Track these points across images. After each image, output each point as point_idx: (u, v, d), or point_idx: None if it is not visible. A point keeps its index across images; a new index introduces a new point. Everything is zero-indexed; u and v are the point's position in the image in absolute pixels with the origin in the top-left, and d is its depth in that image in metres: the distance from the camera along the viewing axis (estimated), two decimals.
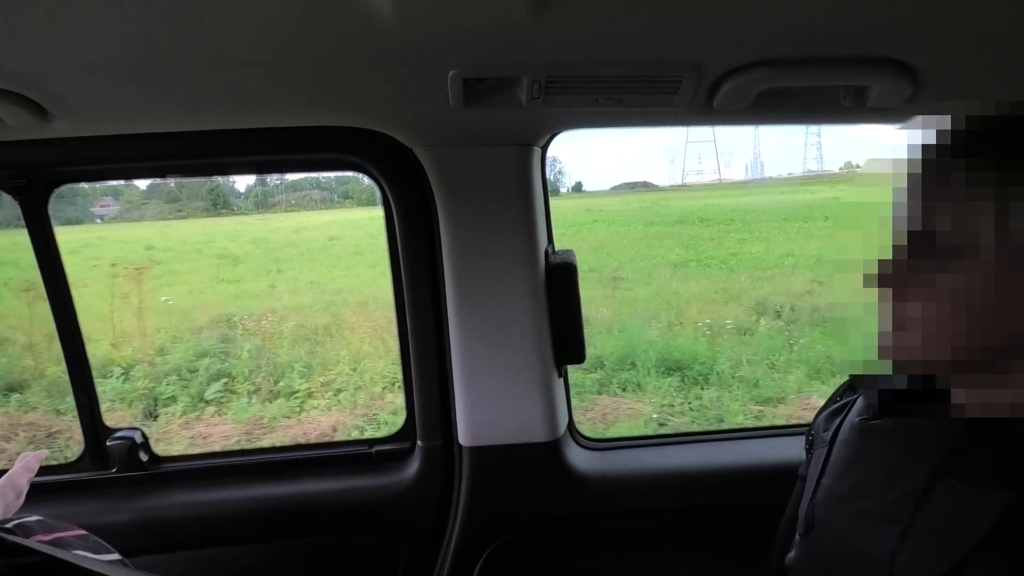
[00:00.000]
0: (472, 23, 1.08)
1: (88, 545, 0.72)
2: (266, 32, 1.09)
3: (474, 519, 1.84)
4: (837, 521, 1.07)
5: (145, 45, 1.11)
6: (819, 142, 11.91)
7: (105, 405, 5.24)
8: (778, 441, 2.01)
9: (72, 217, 8.62)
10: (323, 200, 9.85)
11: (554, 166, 10.30)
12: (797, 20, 1.11)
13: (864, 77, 1.27)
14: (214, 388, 5.66)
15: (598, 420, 5.19)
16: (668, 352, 5.99)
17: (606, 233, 9.85)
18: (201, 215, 9.59)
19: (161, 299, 6.75)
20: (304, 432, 5.21)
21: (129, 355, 6.02)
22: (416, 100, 1.40)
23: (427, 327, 1.80)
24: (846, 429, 1.14)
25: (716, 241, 9.01)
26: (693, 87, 1.31)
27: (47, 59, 1.14)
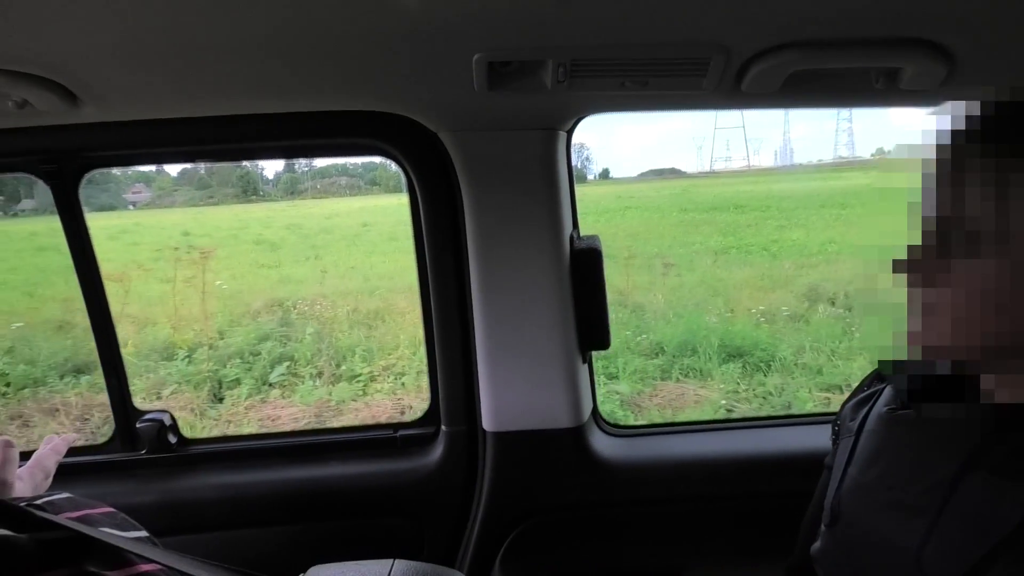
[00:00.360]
0: (497, 5, 1.07)
1: (116, 522, 0.73)
2: (292, 16, 1.09)
3: (497, 504, 1.84)
4: (863, 512, 1.06)
5: (172, 30, 1.11)
6: (850, 128, 11.73)
7: (170, 388, 5.33)
8: (804, 430, 1.99)
9: (105, 203, 8.77)
10: (351, 187, 9.90)
11: (581, 152, 10.27)
12: (826, 1, 1.08)
13: (897, 58, 1.24)
14: (278, 371, 5.72)
15: (664, 406, 5.19)
16: (729, 339, 5.96)
17: (640, 220, 9.80)
18: (231, 201, 9.69)
19: (216, 283, 6.80)
20: (373, 415, 5.25)
21: (190, 338, 6.11)
22: (441, 84, 1.39)
23: (451, 312, 1.81)
24: (873, 419, 1.12)
25: (754, 228, 8.92)
26: (720, 70, 1.29)
27: (75, 44, 1.15)
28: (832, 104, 1.58)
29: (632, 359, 5.71)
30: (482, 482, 1.85)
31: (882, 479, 1.04)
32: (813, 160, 12.83)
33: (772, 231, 8.75)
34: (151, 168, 9.67)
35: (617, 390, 5.34)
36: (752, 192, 10.80)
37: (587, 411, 1.86)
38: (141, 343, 6.01)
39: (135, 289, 6.61)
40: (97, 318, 1.84)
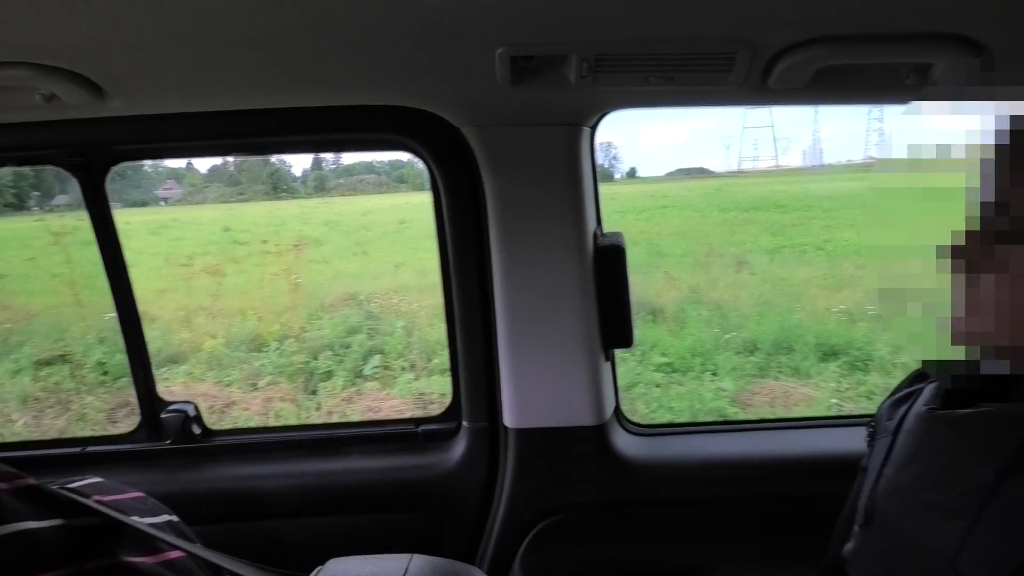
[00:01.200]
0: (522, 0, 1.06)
1: (146, 507, 0.73)
2: (318, 11, 1.09)
3: (518, 501, 1.84)
4: (899, 513, 1.04)
5: (198, 24, 1.12)
6: (881, 128, 11.56)
7: (266, 379, 5.35)
8: (831, 432, 1.96)
9: (138, 199, 8.87)
10: (379, 184, 9.94)
11: (609, 151, 10.18)
12: None
13: (928, 54, 1.22)
14: (372, 363, 5.69)
15: (772, 404, 5.13)
16: (824, 337, 5.87)
17: (680, 219, 9.68)
18: (261, 198, 9.75)
19: (293, 277, 6.84)
20: None
21: (277, 330, 6.13)
22: (464, 79, 1.39)
23: (474, 308, 1.80)
24: (912, 418, 1.10)
25: (801, 228, 8.76)
26: (747, 65, 1.28)
27: (102, 38, 1.16)
28: (860, 101, 1.56)
29: (727, 357, 5.66)
30: (503, 479, 1.85)
31: (920, 480, 1.02)
32: (842, 160, 12.63)
33: (820, 231, 8.60)
34: (181, 165, 9.77)
35: (723, 387, 5.29)
36: (787, 192, 10.62)
37: (609, 409, 1.85)
38: (230, 335, 6.06)
39: (202, 284, 6.71)
40: (123, 309, 1.86)
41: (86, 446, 1.96)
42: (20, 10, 1.06)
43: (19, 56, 1.20)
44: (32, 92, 1.31)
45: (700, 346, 5.64)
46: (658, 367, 5.44)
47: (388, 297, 6.73)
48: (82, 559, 0.57)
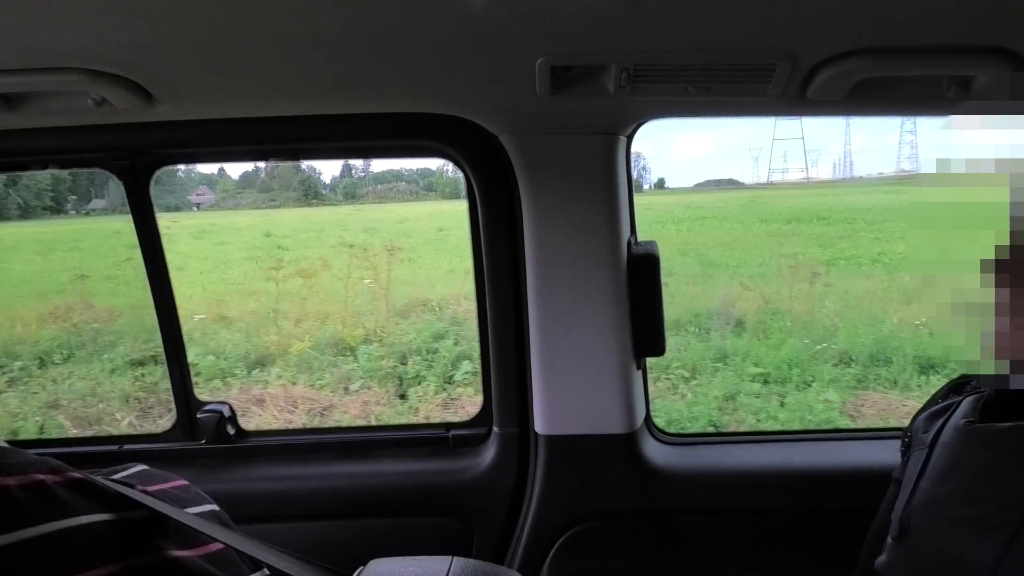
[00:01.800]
0: (563, 10, 1.08)
1: (189, 496, 0.74)
2: (360, 18, 1.11)
3: (548, 508, 1.84)
4: (935, 526, 1.03)
5: (248, 32, 1.15)
6: (914, 140, 11.38)
7: (357, 383, 5.35)
8: (863, 444, 1.94)
9: (172, 204, 8.97)
10: (410, 192, 9.98)
11: (638, 162, 10.13)
12: (899, 5, 1.07)
13: (970, 66, 1.21)
14: (463, 369, 5.63)
15: (878, 416, 5.06)
16: (921, 349, 5.77)
17: (721, 230, 9.54)
18: (292, 204, 9.81)
19: (365, 281, 6.80)
20: None
21: (360, 335, 6.13)
22: (504, 87, 1.41)
23: (507, 314, 1.82)
24: (949, 431, 1.09)
25: (849, 240, 8.60)
26: (786, 76, 1.28)
27: (153, 44, 1.19)
28: (900, 112, 1.55)
29: (823, 368, 5.59)
30: (532, 485, 1.86)
31: (957, 493, 1.01)
32: (873, 172, 12.45)
33: (870, 244, 8.46)
34: (214, 170, 9.87)
35: (828, 398, 5.23)
36: (825, 204, 10.43)
37: (640, 417, 1.85)
38: (317, 338, 6.07)
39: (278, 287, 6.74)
40: (163, 310, 1.90)
41: (123, 444, 2.00)
42: (75, 18, 1.09)
43: (73, 62, 1.23)
44: (84, 97, 1.34)
45: (796, 357, 5.57)
46: (753, 377, 5.40)
47: (458, 303, 6.69)
48: (131, 554, 0.58)
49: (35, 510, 0.55)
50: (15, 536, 0.52)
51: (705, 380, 5.41)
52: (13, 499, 0.54)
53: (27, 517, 0.54)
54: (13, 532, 0.52)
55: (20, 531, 0.53)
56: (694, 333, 6.07)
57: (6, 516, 0.53)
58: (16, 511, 0.54)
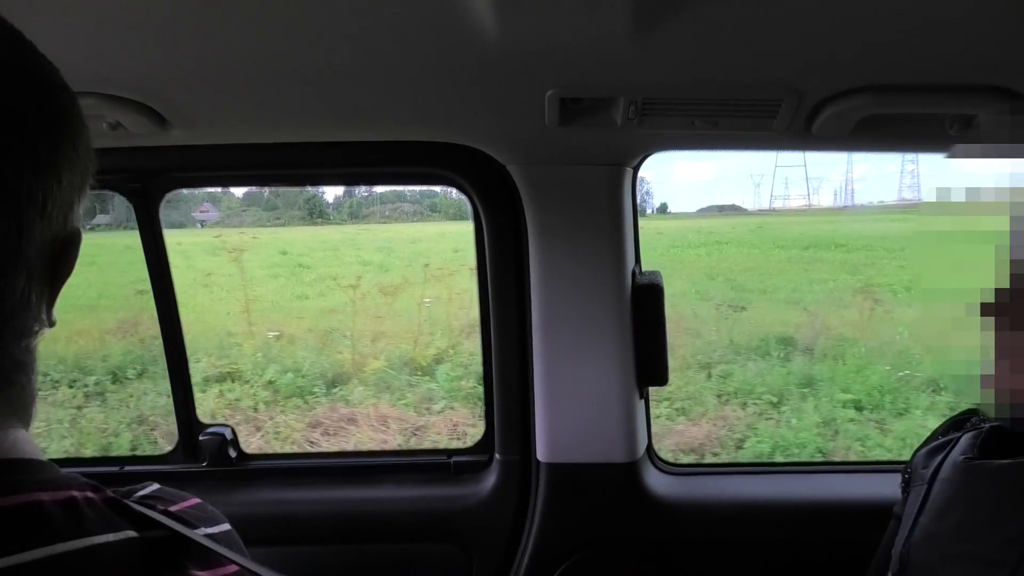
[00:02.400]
0: (573, 44, 1.09)
1: (205, 515, 0.74)
2: (373, 49, 1.13)
3: (549, 536, 1.84)
4: (934, 563, 1.03)
5: (262, 60, 1.17)
6: (915, 170, 11.40)
7: (440, 403, 5.29)
8: (866, 477, 1.94)
9: (175, 221, 8.96)
10: (413, 213, 9.98)
11: (642, 186, 10.14)
12: (903, 45, 1.08)
13: (972, 105, 1.23)
14: None
15: None
16: None
17: (741, 255, 9.45)
18: (297, 223, 9.79)
19: (424, 300, 6.69)
20: (690, 440, 4.97)
21: (432, 353, 6.03)
22: (513, 118, 1.43)
23: (511, 341, 1.82)
24: (948, 467, 1.09)
25: (875, 267, 8.53)
26: (792, 112, 1.29)
27: (171, 72, 1.22)
28: (903, 149, 1.57)
29: (912, 395, 5.49)
30: (534, 513, 1.85)
31: (957, 530, 1.01)
32: (874, 201, 12.46)
33: (897, 271, 8.39)
34: (218, 189, 9.89)
35: (929, 425, 5.12)
36: (835, 231, 10.35)
37: (642, 447, 1.85)
38: (389, 356, 5.97)
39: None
40: (168, 331, 1.90)
41: (124, 465, 1.99)
42: (93, 43, 1.11)
43: (90, 87, 1.25)
44: (99, 120, 1.36)
45: (884, 383, 5.50)
46: (844, 404, 5.33)
47: None
48: (156, 572, 0.58)
49: (66, 526, 0.55)
50: (47, 551, 0.52)
51: (793, 406, 5.33)
52: (47, 514, 0.54)
53: (59, 533, 0.54)
54: (45, 547, 0.53)
55: (52, 546, 0.53)
56: (767, 358, 5.98)
57: (39, 531, 0.53)
58: (48, 527, 0.54)
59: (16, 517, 0.53)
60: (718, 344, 6.18)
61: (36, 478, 0.57)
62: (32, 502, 0.55)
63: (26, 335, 0.59)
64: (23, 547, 0.52)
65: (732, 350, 6.09)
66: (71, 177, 0.59)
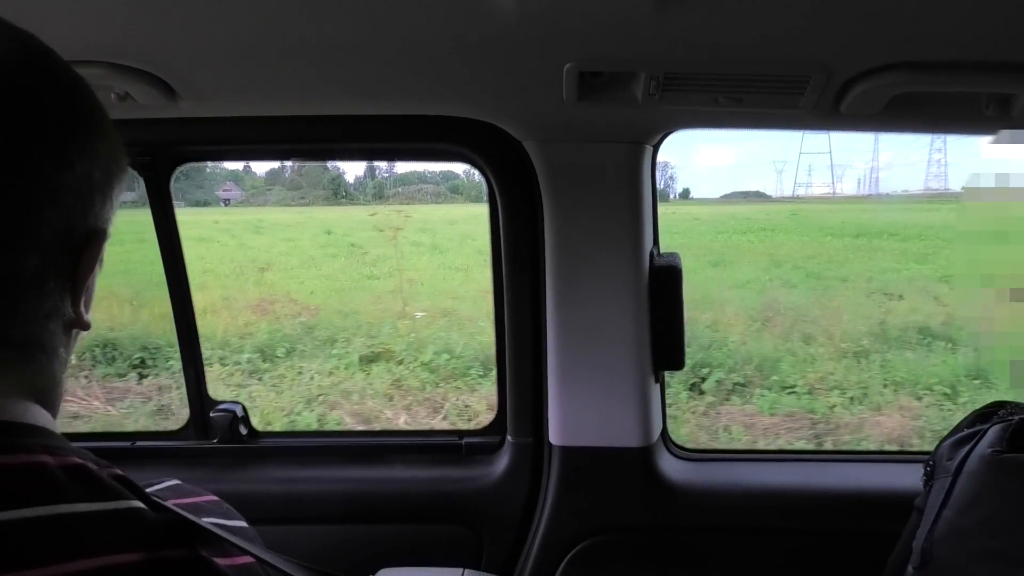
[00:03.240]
0: (593, 15, 1.06)
1: (221, 511, 0.74)
2: (389, 22, 1.10)
3: (560, 519, 1.82)
4: (958, 558, 1.00)
5: (273, 31, 1.15)
6: (943, 159, 11.19)
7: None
8: (887, 467, 1.90)
9: (200, 199, 9.01)
10: (437, 194, 9.94)
11: (666, 171, 10.04)
12: (937, 20, 1.04)
13: (1011, 84, 1.18)
14: (713, 378, 5.26)
15: None
16: None
17: (794, 243, 9.25)
18: (323, 203, 9.77)
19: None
20: (887, 433, 4.80)
21: None
22: (530, 92, 1.39)
23: (525, 322, 1.80)
24: (975, 460, 1.06)
25: (939, 256, 8.37)
26: (820, 89, 1.25)
27: (180, 42, 1.19)
28: (935, 129, 1.52)
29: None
30: (545, 496, 1.83)
31: (982, 525, 0.98)
32: (898, 190, 12.27)
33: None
34: (239, 167, 9.90)
35: None
36: (877, 220, 10.13)
37: (656, 431, 1.82)
38: None
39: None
40: (179, 308, 1.89)
41: (135, 440, 1.99)
42: (101, 11, 1.09)
43: (98, 55, 1.23)
44: (108, 91, 1.34)
45: None
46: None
47: None
48: (165, 546, 0.57)
49: (72, 490, 0.55)
50: (49, 510, 0.53)
51: (969, 398, 5.12)
52: (52, 476, 0.55)
53: (63, 494, 0.54)
54: (48, 506, 0.53)
55: (55, 506, 0.53)
56: (918, 347, 5.80)
57: (43, 490, 0.54)
58: (53, 487, 0.54)
59: (20, 474, 0.54)
60: (860, 331, 6.03)
61: (43, 442, 0.57)
62: (37, 463, 0.55)
63: (47, 317, 0.61)
64: (26, 503, 0.52)
65: (878, 339, 5.95)
66: (87, 168, 0.62)
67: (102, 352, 5.50)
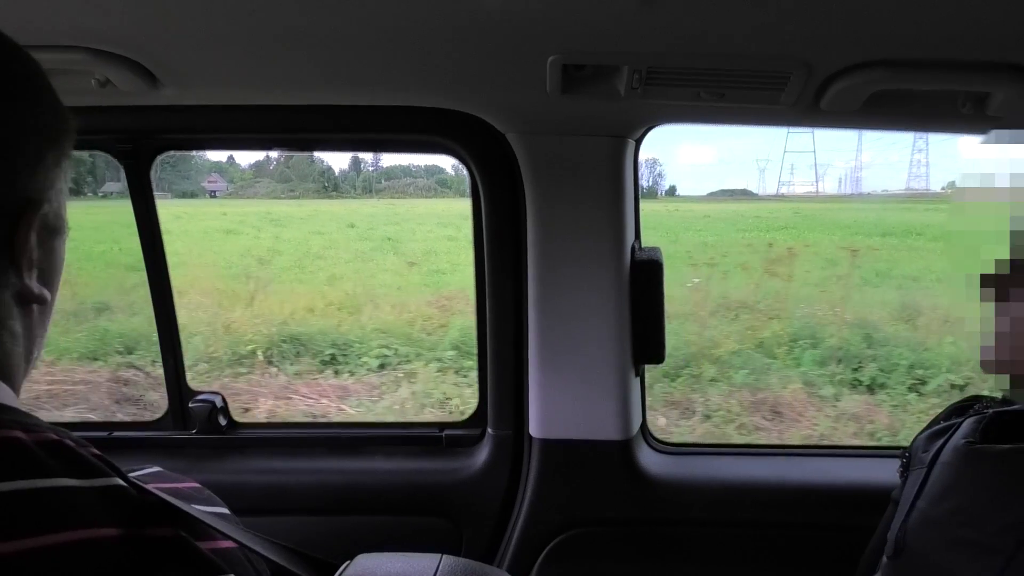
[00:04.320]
0: (577, 8, 1.06)
1: (203, 497, 0.75)
2: (374, 11, 1.10)
3: (539, 512, 1.83)
4: (930, 547, 1.02)
5: (256, 19, 1.14)
6: (925, 159, 11.25)
7: (827, 388, 4.93)
8: (864, 462, 1.92)
9: (188, 190, 8.92)
10: (426, 188, 9.89)
11: (654, 168, 10.04)
12: (916, 19, 1.05)
13: (986, 83, 1.19)
14: (936, 381, 4.94)
15: None
16: None
17: (827, 242, 9.20)
18: (313, 196, 9.68)
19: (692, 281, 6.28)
20: None
21: (769, 336, 5.60)
22: (513, 84, 1.39)
23: (507, 314, 1.80)
24: (949, 451, 1.08)
25: None
26: (800, 85, 1.26)
27: (162, 28, 1.18)
28: (913, 127, 1.53)
29: None
30: (525, 488, 1.84)
31: (955, 514, 1.00)
32: (877, 189, 12.35)
33: None
34: (222, 157, 9.81)
35: None
36: (887, 220, 10.07)
37: (636, 425, 1.83)
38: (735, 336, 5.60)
39: None
40: (159, 297, 1.88)
41: (113, 431, 1.98)
42: None
43: (78, 41, 1.22)
44: (88, 76, 1.33)
45: None
46: None
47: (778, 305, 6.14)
48: (144, 524, 0.57)
49: (50, 464, 0.55)
50: (28, 484, 0.52)
51: None
52: (27, 450, 0.54)
53: (41, 469, 0.54)
54: (26, 480, 0.53)
55: (33, 480, 0.53)
56: None
57: (20, 465, 0.53)
58: (30, 461, 0.54)
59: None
60: None
61: (15, 418, 0.57)
62: (11, 437, 0.55)
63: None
64: (3, 477, 0.52)
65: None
66: (12, 138, 0.61)
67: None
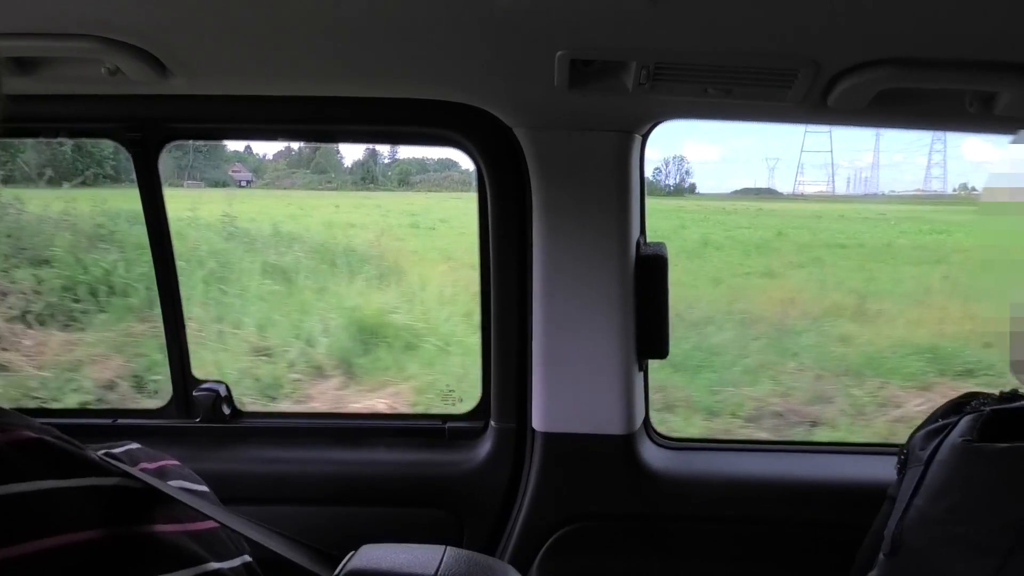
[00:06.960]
0: (587, 4, 1.07)
1: (186, 474, 0.74)
2: (384, 3, 1.11)
3: (541, 505, 1.83)
4: (927, 545, 1.02)
5: (266, 10, 1.15)
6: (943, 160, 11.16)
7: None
8: (862, 459, 1.93)
9: (219, 180, 8.85)
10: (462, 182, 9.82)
11: (682, 166, 9.98)
12: (924, 18, 1.06)
13: (994, 83, 1.19)
14: None
15: None
16: None
17: (910, 241, 9.08)
18: (350, 188, 9.61)
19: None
20: None
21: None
22: (521, 79, 1.40)
23: (511, 308, 1.80)
24: (946, 449, 1.08)
25: None
26: (808, 83, 1.26)
27: (172, 17, 1.19)
28: (920, 126, 1.53)
29: None
30: (527, 481, 1.84)
31: (952, 513, 1.00)
32: (886, 191, 12.30)
33: None
34: (241, 147, 9.77)
35: None
36: (924, 220, 9.98)
37: (639, 420, 1.84)
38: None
39: None
40: (164, 285, 1.88)
41: (116, 418, 1.99)
42: None
43: (88, 29, 1.22)
44: (98, 65, 1.33)
45: None
46: None
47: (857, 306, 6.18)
48: (115, 523, 0.57)
49: (28, 466, 0.54)
50: (2, 490, 0.51)
51: None
52: (2, 454, 0.53)
53: (16, 472, 0.53)
54: (1, 485, 0.51)
55: (8, 485, 0.52)
56: None
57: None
58: (4, 464, 0.53)
59: None
60: None
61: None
62: None
63: None
64: None
65: None
66: None
67: None
